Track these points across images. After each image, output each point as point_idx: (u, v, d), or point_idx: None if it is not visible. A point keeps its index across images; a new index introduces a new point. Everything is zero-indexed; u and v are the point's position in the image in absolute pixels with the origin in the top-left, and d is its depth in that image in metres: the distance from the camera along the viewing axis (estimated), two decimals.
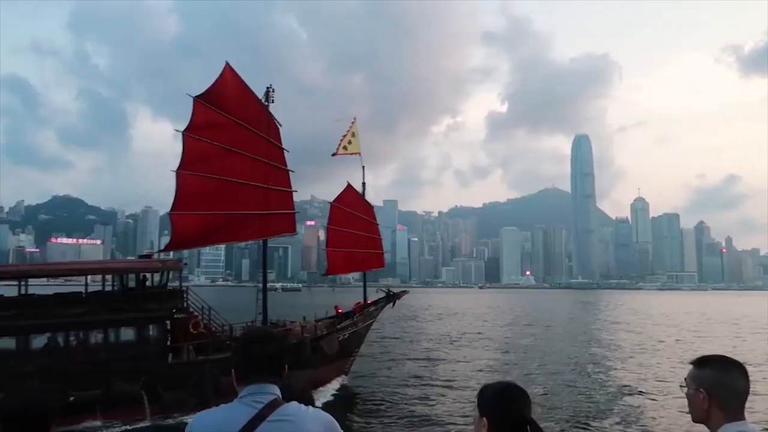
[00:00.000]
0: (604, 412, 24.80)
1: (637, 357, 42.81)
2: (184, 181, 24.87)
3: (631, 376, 33.55)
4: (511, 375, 33.04)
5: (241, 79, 26.32)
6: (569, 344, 50.20)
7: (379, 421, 23.24)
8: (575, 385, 30.28)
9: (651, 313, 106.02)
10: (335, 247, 33.29)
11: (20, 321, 21.18)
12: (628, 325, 75.40)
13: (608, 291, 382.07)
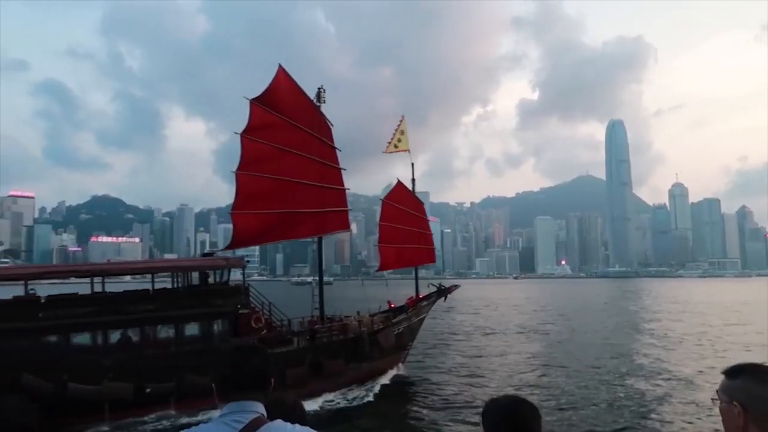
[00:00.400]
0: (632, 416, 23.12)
1: (681, 351, 41.25)
2: (243, 182, 25.76)
3: (676, 376, 32.19)
4: (548, 369, 32.15)
5: (294, 80, 26.98)
6: (609, 336, 48.80)
7: (428, 409, 23.73)
8: (614, 384, 28.82)
9: (696, 301, 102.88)
10: (387, 243, 33.66)
11: (98, 318, 22.27)
12: (672, 315, 73.15)
13: (647, 279, 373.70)
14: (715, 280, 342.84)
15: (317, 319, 28.45)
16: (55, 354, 21.31)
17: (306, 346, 25.61)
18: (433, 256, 36.40)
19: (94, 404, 20.15)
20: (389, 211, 33.43)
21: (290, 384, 23.23)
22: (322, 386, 24.77)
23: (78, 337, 22.15)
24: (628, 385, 27.52)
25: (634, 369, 32.03)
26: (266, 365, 2.86)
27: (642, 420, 21.80)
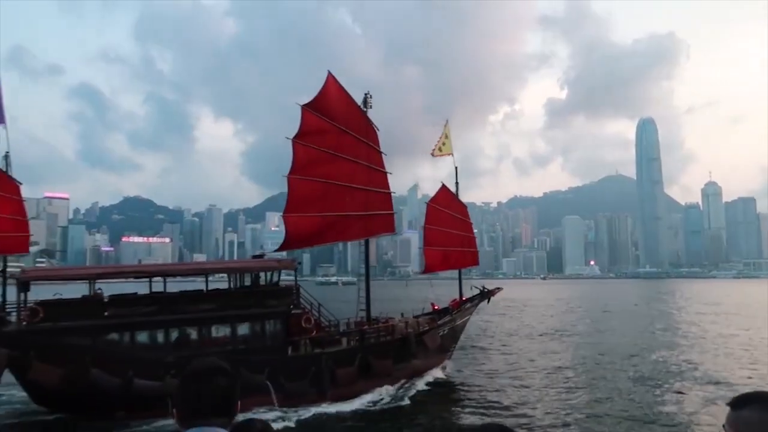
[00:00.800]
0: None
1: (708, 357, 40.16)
2: (295, 186, 26.79)
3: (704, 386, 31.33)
4: (579, 374, 31.71)
5: (342, 87, 27.74)
6: (641, 340, 47.86)
7: (470, 407, 24.47)
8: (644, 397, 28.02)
9: (735, 303, 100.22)
10: (432, 246, 34.29)
11: (159, 316, 23.21)
12: (708, 317, 71.45)
13: (679, 280, 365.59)
14: (750, 281, 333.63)
15: (364, 320, 28.93)
16: (121, 351, 22.28)
17: (356, 346, 26.26)
18: (477, 259, 37.13)
19: (158, 399, 20.61)
20: (434, 215, 34.03)
21: (341, 383, 24.28)
22: (370, 385, 25.36)
23: (141, 334, 23.02)
24: (666, 392, 26.88)
25: (672, 374, 31.22)
26: (233, 387, 2.61)
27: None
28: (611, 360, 35.59)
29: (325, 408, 23.11)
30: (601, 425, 21.45)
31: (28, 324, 21.65)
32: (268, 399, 22.71)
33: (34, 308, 21.83)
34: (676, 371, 31.58)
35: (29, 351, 20.75)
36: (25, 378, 21.22)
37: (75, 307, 22.81)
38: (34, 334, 21.43)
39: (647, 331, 53.30)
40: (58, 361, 20.67)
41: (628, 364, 34.14)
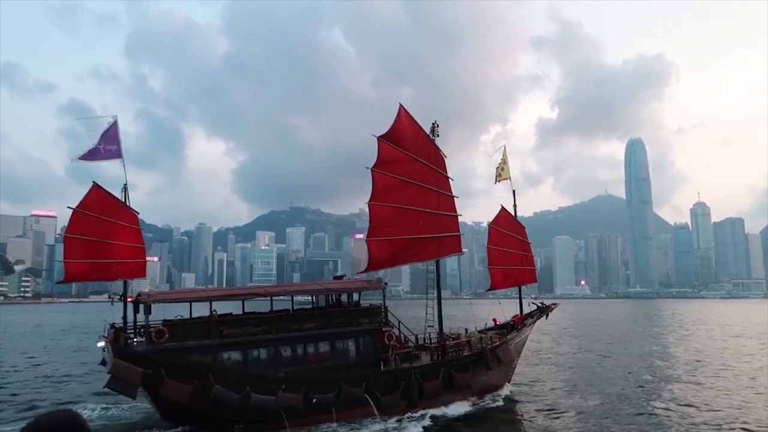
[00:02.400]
0: None
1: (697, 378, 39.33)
2: (375, 211, 28.97)
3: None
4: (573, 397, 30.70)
5: (412, 117, 29.80)
6: (634, 362, 46.95)
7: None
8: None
9: (726, 323, 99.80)
10: (495, 265, 36.23)
11: (270, 335, 24.86)
12: (696, 337, 70.75)
13: (669, 300, 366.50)
14: (739, 302, 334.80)
15: (444, 336, 30.23)
16: (238, 368, 23.74)
17: (439, 360, 27.75)
18: (535, 277, 38.85)
19: (272, 413, 22.26)
20: (495, 236, 36.13)
21: (427, 396, 25.87)
22: (452, 397, 26.99)
23: (254, 352, 24.55)
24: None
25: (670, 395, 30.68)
26: None
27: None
28: (614, 382, 34.68)
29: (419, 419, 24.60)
30: None
31: (156, 344, 22.74)
32: (370, 411, 24.11)
33: (160, 329, 23.11)
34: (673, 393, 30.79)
35: (161, 369, 21.87)
36: (158, 395, 22.09)
37: (196, 327, 24.35)
38: (163, 353, 22.63)
39: (640, 356, 52.37)
40: (186, 378, 21.95)
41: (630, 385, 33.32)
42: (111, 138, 28.48)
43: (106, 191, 28.84)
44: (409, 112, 29.70)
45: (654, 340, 66.83)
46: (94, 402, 28.97)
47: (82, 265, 28.16)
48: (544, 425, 24.89)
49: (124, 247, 28.93)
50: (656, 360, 47.27)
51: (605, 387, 33.39)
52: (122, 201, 29.10)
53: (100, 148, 28.16)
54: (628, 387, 33.52)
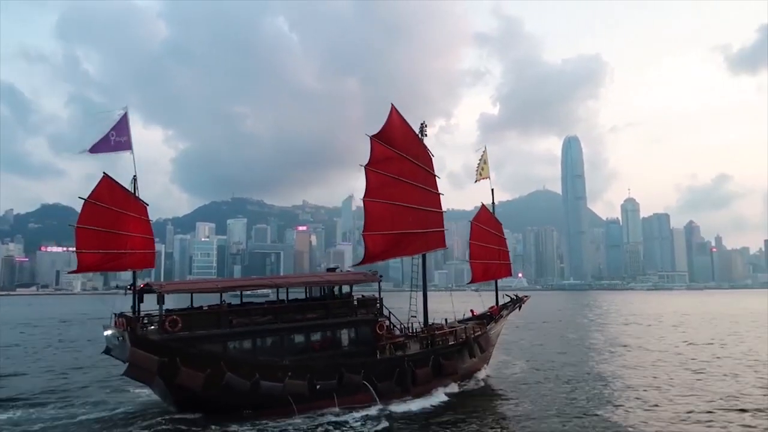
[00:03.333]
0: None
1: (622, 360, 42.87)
2: (370, 207, 30.24)
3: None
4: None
5: (403, 118, 31.29)
6: (569, 348, 50.23)
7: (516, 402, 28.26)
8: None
9: (650, 313, 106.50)
10: (476, 260, 38.20)
11: (276, 324, 25.87)
12: (619, 326, 75.57)
13: (600, 292, 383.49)
14: (664, 293, 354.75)
15: (431, 325, 32.14)
16: (248, 356, 24.65)
17: (429, 349, 29.44)
18: (510, 270, 41.04)
19: (279, 398, 23.44)
20: (477, 232, 38.15)
21: (419, 382, 27.65)
22: (440, 383, 28.92)
23: (261, 341, 25.40)
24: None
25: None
26: None
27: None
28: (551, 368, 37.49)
29: (409, 404, 26.37)
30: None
31: (170, 333, 23.37)
32: (370, 397, 25.69)
33: (174, 318, 23.75)
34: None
35: (176, 357, 22.63)
36: (173, 382, 22.76)
37: (208, 317, 25.20)
38: (177, 341, 23.31)
39: (572, 341, 55.89)
40: (200, 366, 22.77)
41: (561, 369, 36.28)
42: (122, 129, 28.64)
43: (117, 182, 29.16)
44: (399, 112, 31.02)
45: (589, 327, 71.17)
46: (100, 390, 30.89)
47: (94, 255, 28.66)
48: (518, 398, 28.80)
49: (135, 237, 29.47)
50: (592, 341, 51.00)
51: (559, 367, 38.28)
52: (132, 192, 29.64)
53: (111, 139, 28.32)
54: (579, 365, 38.97)
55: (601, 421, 24.20)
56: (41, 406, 27.30)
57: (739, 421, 24.24)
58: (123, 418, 24.88)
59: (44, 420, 24.49)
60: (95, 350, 40.26)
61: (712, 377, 34.63)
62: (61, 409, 26.46)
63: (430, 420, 24.54)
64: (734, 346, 51.20)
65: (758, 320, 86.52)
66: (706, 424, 24.03)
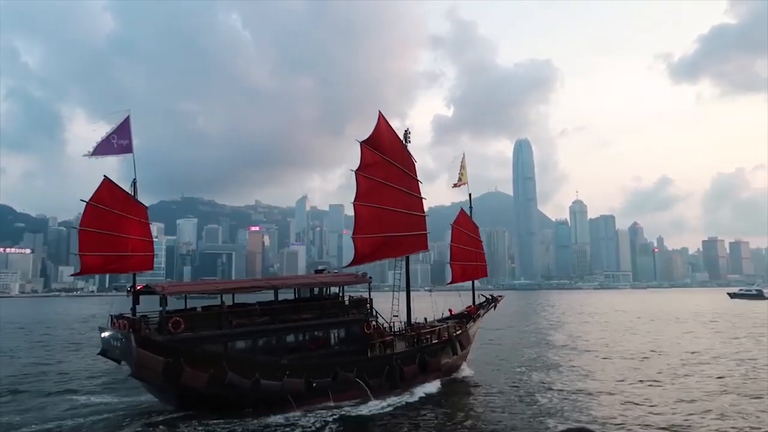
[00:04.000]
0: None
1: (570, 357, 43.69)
2: (360, 211, 31.28)
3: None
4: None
5: (390, 125, 32.57)
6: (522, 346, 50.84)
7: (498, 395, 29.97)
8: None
9: (597, 311, 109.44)
10: (456, 261, 39.89)
11: (273, 325, 26.63)
12: (568, 324, 77.24)
13: (549, 291, 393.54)
14: (610, 291, 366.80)
15: (414, 324, 33.62)
16: (248, 354, 25.43)
17: (416, 347, 30.78)
18: (486, 271, 42.97)
19: (278, 396, 24.20)
20: (456, 234, 39.80)
21: (407, 378, 28.92)
22: (426, 378, 30.36)
23: (260, 341, 26.14)
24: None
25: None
26: None
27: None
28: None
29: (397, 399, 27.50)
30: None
31: (173, 334, 23.82)
32: (363, 393, 26.56)
33: (177, 320, 24.22)
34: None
35: (180, 358, 23.06)
36: (178, 382, 23.04)
37: (209, 318, 25.84)
38: (180, 342, 23.80)
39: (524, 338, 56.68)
40: (203, 366, 23.29)
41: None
42: (124, 132, 28.75)
43: (117, 185, 29.41)
44: (386, 119, 32.25)
45: (548, 324, 72.51)
46: (98, 389, 31.28)
47: (97, 258, 29.13)
48: (498, 391, 30.49)
49: (135, 240, 29.84)
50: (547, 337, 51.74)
51: (528, 360, 41.80)
52: (132, 195, 29.84)
53: (112, 142, 28.51)
54: (540, 359, 42.42)
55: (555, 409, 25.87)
56: (40, 409, 26.90)
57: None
58: (123, 416, 25.03)
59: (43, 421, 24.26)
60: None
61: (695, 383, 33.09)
62: (63, 411, 26.31)
63: (419, 413, 25.59)
64: (721, 358, 52.77)
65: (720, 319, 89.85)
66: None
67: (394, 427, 23.50)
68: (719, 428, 22.88)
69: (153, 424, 23.25)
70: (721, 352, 45.64)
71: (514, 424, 23.76)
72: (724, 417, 24.48)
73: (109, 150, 28.53)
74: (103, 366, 35.38)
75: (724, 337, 58.26)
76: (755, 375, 34.75)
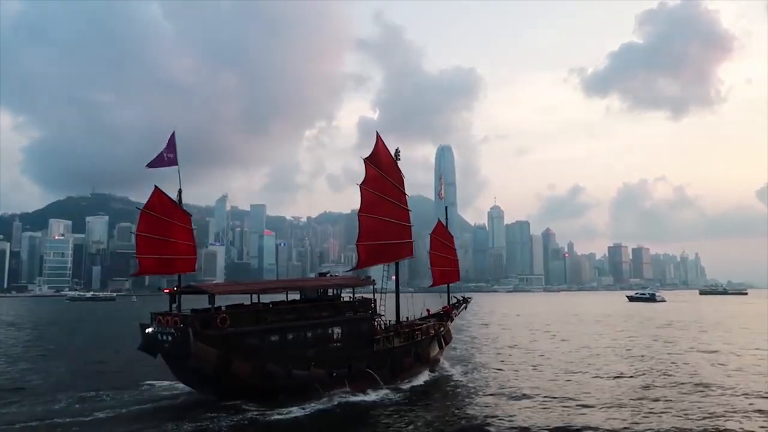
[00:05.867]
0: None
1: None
2: (363, 221, 35.22)
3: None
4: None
5: (385, 144, 36.68)
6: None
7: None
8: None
9: (523, 313, 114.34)
10: (435, 266, 44.82)
11: (300, 321, 29.75)
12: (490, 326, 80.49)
13: (467, 293, 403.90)
14: (524, 294, 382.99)
15: (403, 322, 37.59)
16: (281, 347, 28.22)
17: (411, 342, 34.93)
18: (458, 276, 48.08)
19: (306, 385, 27.43)
20: (435, 243, 44.92)
21: (405, 369, 33.21)
22: (419, 369, 34.99)
23: (290, 335, 28.90)
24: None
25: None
26: None
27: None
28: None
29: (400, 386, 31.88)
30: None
31: (221, 329, 26.51)
32: (373, 382, 30.34)
33: (224, 316, 27.03)
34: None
35: (230, 350, 26.06)
36: (228, 371, 25.77)
37: (249, 315, 28.72)
38: (228, 336, 26.51)
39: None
40: (247, 357, 26.39)
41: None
42: (171, 147, 32.64)
43: (165, 193, 32.54)
44: (383, 139, 36.67)
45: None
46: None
47: (151, 260, 32.22)
48: (473, 376, 36.51)
49: (181, 244, 32.81)
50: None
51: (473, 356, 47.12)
52: (178, 203, 32.83)
53: (164, 156, 32.44)
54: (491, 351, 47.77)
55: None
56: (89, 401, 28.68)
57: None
58: (167, 408, 27.51)
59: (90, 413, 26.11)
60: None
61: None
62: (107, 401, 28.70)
63: (421, 397, 30.31)
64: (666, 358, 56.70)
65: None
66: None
67: (403, 408, 27.60)
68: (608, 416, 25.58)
69: (204, 414, 25.49)
70: (610, 346, 52.50)
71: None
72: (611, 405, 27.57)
73: (161, 163, 32.41)
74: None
75: (614, 334, 65.59)
76: (637, 367, 39.98)
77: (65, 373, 38.47)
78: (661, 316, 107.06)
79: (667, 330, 73.44)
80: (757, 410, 26.33)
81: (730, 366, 40.48)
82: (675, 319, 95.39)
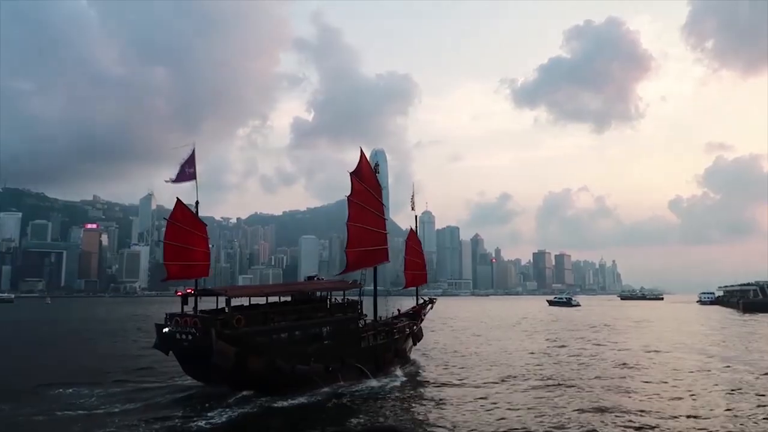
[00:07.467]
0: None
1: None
2: (351, 229, 38.51)
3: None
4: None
5: (367, 158, 40.57)
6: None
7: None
8: None
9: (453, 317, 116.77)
10: (408, 270, 49.35)
11: (300, 321, 32.46)
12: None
13: (398, 297, 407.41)
14: (453, 298, 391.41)
15: (379, 321, 40.54)
16: (285, 345, 30.37)
17: (391, 339, 38.19)
18: (426, 278, 53.75)
19: (307, 379, 29.75)
20: (409, 249, 49.91)
21: (386, 363, 36.50)
22: (397, 364, 38.23)
23: (293, 333, 31.20)
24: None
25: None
26: None
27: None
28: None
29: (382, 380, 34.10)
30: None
31: (236, 329, 28.63)
32: (364, 375, 33.33)
33: (239, 317, 29.30)
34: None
35: (246, 348, 28.16)
36: (245, 367, 27.84)
37: (258, 316, 31.14)
38: (243, 335, 28.64)
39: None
40: (260, 354, 28.55)
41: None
42: (191, 162, 34.88)
43: (185, 205, 35.42)
44: (365, 155, 40.85)
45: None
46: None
47: (176, 266, 34.95)
48: (444, 365, 41.41)
49: (199, 251, 35.77)
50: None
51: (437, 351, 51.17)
52: (196, 214, 35.91)
53: (186, 171, 34.62)
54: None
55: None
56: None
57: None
58: (184, 399, 29.16)
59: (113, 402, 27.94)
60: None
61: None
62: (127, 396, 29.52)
63: (406, 386, 33.28)
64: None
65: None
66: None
67: (389, 395, 30.57)
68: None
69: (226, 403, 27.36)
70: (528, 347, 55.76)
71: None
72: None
73: (183, 177, 34.70)
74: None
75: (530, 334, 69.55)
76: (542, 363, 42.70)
77: None
78: (574, 317, 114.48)
79: (571, 331, 78.60)
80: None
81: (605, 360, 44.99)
82: (580, 321, 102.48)
